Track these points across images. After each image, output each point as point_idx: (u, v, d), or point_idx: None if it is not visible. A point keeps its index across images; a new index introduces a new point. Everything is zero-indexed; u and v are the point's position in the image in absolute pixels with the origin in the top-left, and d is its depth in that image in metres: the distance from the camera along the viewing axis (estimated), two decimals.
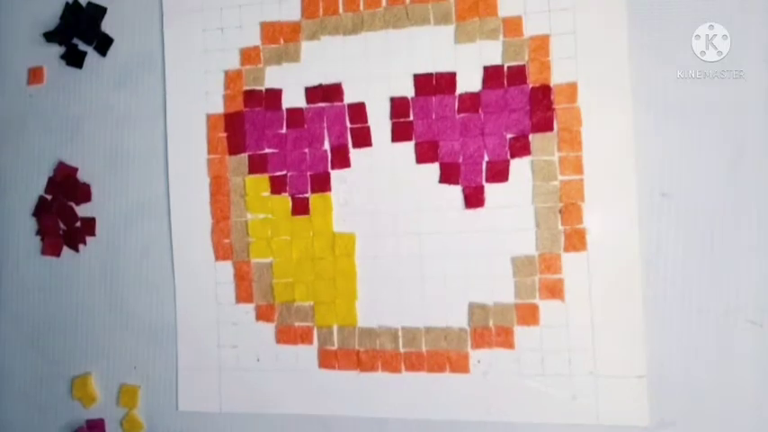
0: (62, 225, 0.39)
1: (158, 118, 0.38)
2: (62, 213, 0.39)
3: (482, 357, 0.33)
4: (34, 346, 0.39)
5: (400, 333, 0.33)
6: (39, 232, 0.39)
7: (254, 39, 0.36)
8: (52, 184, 0.39)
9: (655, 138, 0.31)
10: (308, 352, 0.35)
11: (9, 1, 0.41)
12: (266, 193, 0.36)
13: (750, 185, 0.31)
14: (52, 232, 0.39)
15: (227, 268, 0.36)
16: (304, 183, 0.35)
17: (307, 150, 0.35)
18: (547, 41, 0.33)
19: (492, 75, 0.33)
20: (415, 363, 0.33)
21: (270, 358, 0.35)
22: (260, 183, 0.36)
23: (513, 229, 0.33)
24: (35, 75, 0.40)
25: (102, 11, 0.39)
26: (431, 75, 0.34)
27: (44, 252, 0.39)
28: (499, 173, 0.33)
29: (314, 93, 0.35)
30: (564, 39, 0.32)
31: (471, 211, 0.33)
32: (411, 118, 0.34)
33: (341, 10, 0.35)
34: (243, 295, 0.36)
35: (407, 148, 0.34)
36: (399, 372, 0.33)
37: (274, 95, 0.36)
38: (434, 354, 0.33)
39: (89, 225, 0.38)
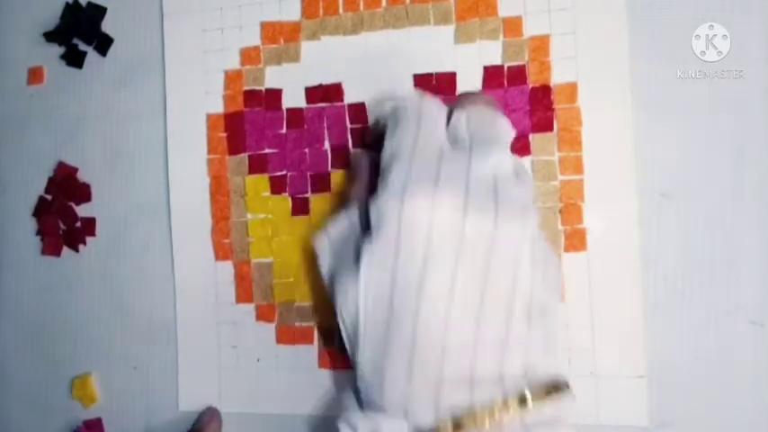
0: (62, 225, 0.39)
1: (158, 118, 0.38)
2: (62, 213, 0.39)
3: None
4: (34, 346, 0.39)
5: None
6: (39, 232, 0.39)
7: (254, 39, 0.36)
8: (52, 184, 0.39)
9: (655, 138, 0.31)
10: (309, 352, 0.35)
11: (9, 1, 0.41)
12: (266, 193, 0.36)
13: (750, 185, 0.31)
14: (52, 232, 0.39)
15: (227, 268, 0.36)
16: (304, 183, 0.35)
17: (307, 150, 0.35)
18: (547, 41, 0.33)
19: (492, 75, 0.33)
20: None
21: (270, 358, 0.35)
22: (260, 183, 0.36)
23: None
24: (35, 75, 0.40)
25: (102, 11, 0.39)
26: (431, 75, 0.34)
27: (44, 252, 0.39)
28: None
29: (314, 93, 0.35)
30: (564, 39, 0.32)
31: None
32: None
33: (341, 10, 0.35)
34: (243, 295, 0.36)
35: None
36: None
37: (274, 95, 0.36)
38: None
39: (89, 225, 0.39)
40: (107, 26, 0.39)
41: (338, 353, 0.34)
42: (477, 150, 0.26)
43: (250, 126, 0.36)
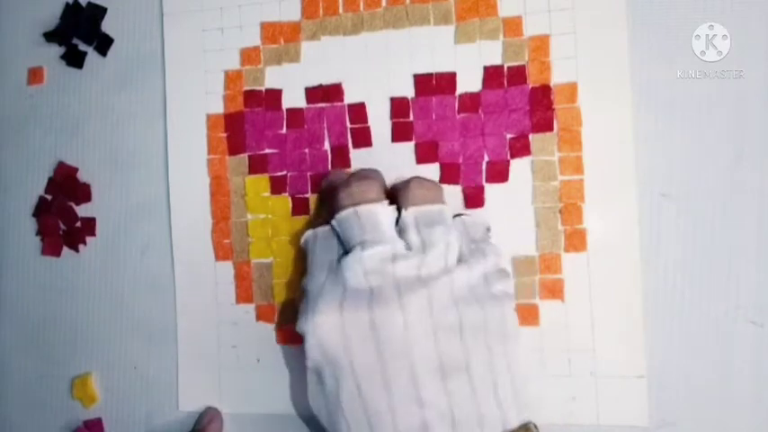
0: (62, 225, 0.39)
1: (158, 118, 0.38)
2: (62, 213, 0.39)
3: None
4: (34, 346, 0.39)
5: None
6: (39, 232, 0.39)
7: (254, 39, 0.36)
8: (52, 184, 0.39)
9: (655, 138, 0.31)
10: None
11: (9, 1, 0.41)
12: (266, 194, 0.36)
13: (750, 185, 0.31)
14: (52, 232, 0.39)
15: (227, 268, 0.36)
16: (304, 183, 0.35)
17: (307, 150, 0.35)
18: (547, 41, 0.33)
19: (492, 75, 0.33)
20: None
21: (270, 358, 0.35)
22: (260, 183, 0.36)
23: (513, 229, 0.33)
24: (35, 75, 0.40)
25: (102, 11, 0.39)
26: (431, 75, 0.34)
27: (44, 252, 0.39)
28: (499, 173, 0.33)
29: (314, 93, 0.35)
30: (564, 39, 0.32)
31: (471, 212, 0.33)
32: (411, 118, 0.34)
33: (341, 10, 0.35)
34: (243, 295, 0.36)
35: (407, 148, 0.34)
36: None
37: (274, 95, 0.36)
38: None
39: (89, 225, 0.39)
40: (107, 26, 0.39)
41: None
42: (430, 255, 0.27)
43: (250, 126, 0.36)
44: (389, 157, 0.34)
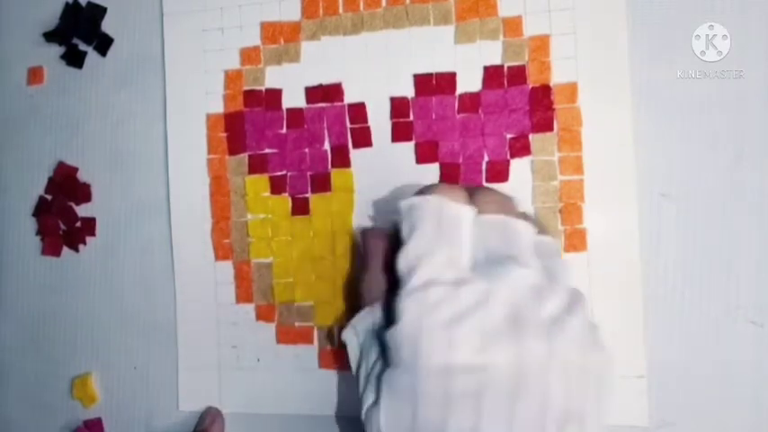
0: (62, 225, 0.39)
1: (158, 118, 0.38)
2: (62, 213, 0.39)
3: None
4: (34, 346, 0.39)
5: None
6: (39, 232, 0.39)
7: (254, 39, 0.36)
8: (52, 184, 0.39)
9: (655, 138, 0.31)
10: (309, 352, 0.35)
11: (9, 1, 0.41)
12: (266, 193, 0.36)
13: (750, 185, 0.31)
14: (52, 232, 0.39)
15: (227, 268, 0.36)
16: (304, 183, 0.35)
17: (307, 150, 0.35)
18: (547, 41, 0.33)
19: (492, 75, 0.33)
20: None
21: (270, 358, 0.35)
22: (260, 183, 0.36)
23: None
24: (35, 75, 0.40)
25: (102, 11, 0.39)
26: (431, 75, 0.34)
27: (44, 252, 0.39)
28: (499, 173, 0.33)
29: (314, 93, 0.35)
30: (564, 39, 0.32)
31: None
32: (411, 118, 0.34)
33: (341, 10, 0.35)
34: (243, 295, 0.36)
35: (407, 148, 0.34)
36: None
37: (274, 95, 0.36)
38: None
39: (89, 225, 0.39)
40: (107, 26, 0.39)
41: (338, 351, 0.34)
42: (493, 275, 0.24)
43: (250, 126, 0.36)
44: (389, 157, 0.34)
